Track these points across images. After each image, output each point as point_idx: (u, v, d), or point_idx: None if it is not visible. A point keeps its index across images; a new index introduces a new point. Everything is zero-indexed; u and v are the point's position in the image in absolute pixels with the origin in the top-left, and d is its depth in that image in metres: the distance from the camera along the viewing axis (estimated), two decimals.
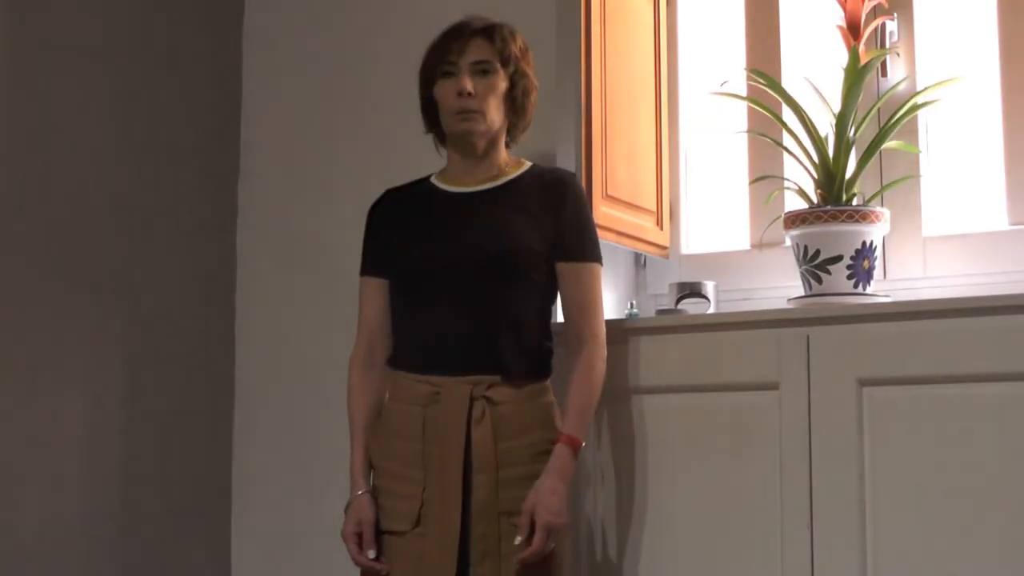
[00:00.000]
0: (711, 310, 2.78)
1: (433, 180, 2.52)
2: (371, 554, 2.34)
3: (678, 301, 2.77)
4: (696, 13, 3.15)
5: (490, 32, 2.41)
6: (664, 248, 3.00)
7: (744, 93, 2.90)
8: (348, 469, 2.44)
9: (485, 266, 2.35)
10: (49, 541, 2.90)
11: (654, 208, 2.96)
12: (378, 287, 2.48)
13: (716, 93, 2.88)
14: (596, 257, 2.43)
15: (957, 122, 2.79)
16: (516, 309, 2.36)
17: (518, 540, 2.26)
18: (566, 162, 2.81)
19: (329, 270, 3.24)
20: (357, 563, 2.37)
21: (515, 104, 2.44)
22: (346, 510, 2.40)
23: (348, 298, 3.24)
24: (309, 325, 3.28)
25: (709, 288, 2.79)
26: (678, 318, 2.64)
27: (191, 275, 3.29)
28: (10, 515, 2.82)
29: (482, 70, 2.39)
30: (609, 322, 2.46)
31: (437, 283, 2.37)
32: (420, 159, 3.13)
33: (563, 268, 2.41)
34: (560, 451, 2.31)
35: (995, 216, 2.71)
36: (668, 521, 2.54)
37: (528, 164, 2.49)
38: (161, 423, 3.18)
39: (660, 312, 2.79)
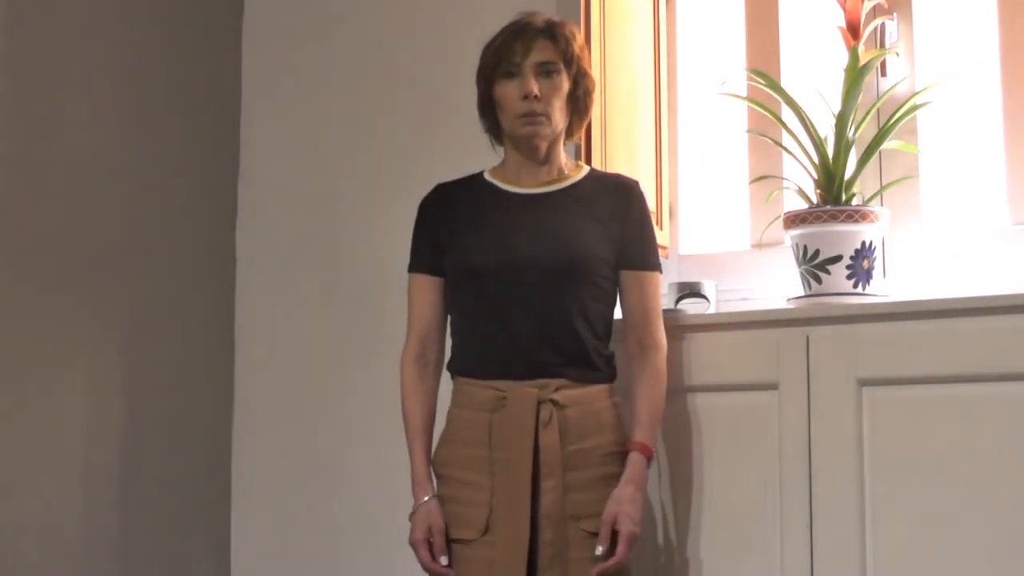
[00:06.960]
0: (711, 310, 2.77)
1: (489, 178, 2.44)
2: (444, 560, 2.29)
3: (678, 301, 2.77)
4: (696, 13, 3.15)
5: (553, 32, 2.35)
6: (664, 248, 2.99)
7: (744, 93, 2.90)
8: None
9: (559, 272, 2.31)
10: (49, 541, 2.90)
11: (654, 208, 2.95)
12: (431, 285, 2.40)
13: (716, 93, 2.88)
14: (658, 266, 2.44)
15: (957, 122, 2.79)
16: (584, 313, 2.32)
17: (599, 550, 2.24)
18: None
19: (329, 270, 3.25)
20: (429, 570, 2.31)
21: (577, 104, 2.41)
22: (411, 517, 2.33)
23: (348, 298, 3.25)
24: (309, 325, 3.28)
25: (709, 288, 2.79)
26: (678, 318, 2.64)
27: (191, 275, 3.29)
28: (10, 515, 2.81)
29: (546, 71, 2.33)
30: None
31: (505, 286, 2.31)
32: (420, 159, 3.14)
33: (628, 276, 2.39)
34: (636, 459, 2.31)
35: (995, 216, 2.71)
36: (667, 521, 2.54)
37: (586, 167, 2.48)
38: (161, 423, 3.18)
39: None
